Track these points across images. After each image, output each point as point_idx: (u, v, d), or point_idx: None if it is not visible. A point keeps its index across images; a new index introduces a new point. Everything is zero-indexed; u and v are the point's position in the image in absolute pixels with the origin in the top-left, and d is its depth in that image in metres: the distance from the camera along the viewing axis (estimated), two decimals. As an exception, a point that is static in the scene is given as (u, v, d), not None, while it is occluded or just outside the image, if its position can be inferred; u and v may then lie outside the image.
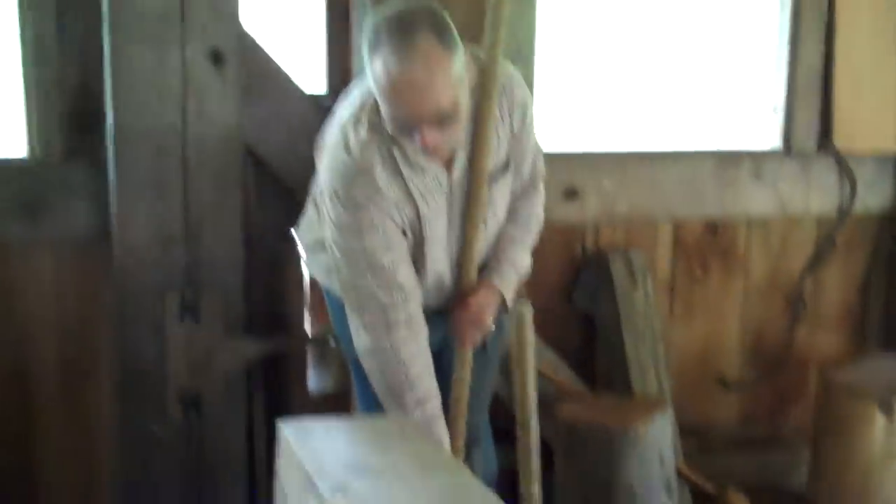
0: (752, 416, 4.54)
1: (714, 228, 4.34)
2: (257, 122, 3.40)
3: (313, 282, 3.54)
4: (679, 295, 4.32)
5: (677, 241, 4.30)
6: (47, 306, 3.45)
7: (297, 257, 3.53)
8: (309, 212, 3.01)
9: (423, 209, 2.75)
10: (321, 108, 3.39)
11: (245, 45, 3.34)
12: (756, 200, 4.34)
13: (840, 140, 4.37)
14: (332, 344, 3.51)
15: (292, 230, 3.13)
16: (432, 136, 2.54)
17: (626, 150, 4.22)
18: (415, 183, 2.71)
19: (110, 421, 3.47)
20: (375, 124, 2.66)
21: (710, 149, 4.33)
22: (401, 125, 2.56)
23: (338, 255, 2.74)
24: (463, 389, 2.96)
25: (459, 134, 2.67)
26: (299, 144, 3.16)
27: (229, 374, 3.37)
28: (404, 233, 2.75)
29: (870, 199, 4.50)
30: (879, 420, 3.96)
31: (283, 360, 3.55)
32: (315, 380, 3.65)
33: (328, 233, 2.76)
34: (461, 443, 2.97)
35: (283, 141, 3.42)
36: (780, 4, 4.31)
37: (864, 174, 4.44)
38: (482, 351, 3.07)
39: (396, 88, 2.49)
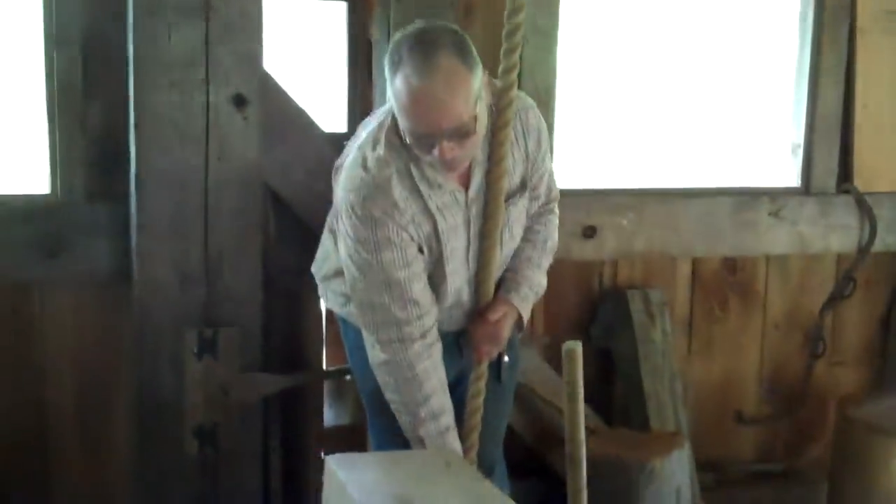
0: (770, 451, 4.50)
1: (732, 266, 4.32)
2: (278, 163, 3.42)
3: (329, 317, 3.56)
4: (697, 332, 4.30)
5: (695, 279, 4.28)
6: (67, 343, 3.47)
7: (316, 294, 3.54)
8: (325, 241, 3.03)
9: (442, 225, 2.76)
10: (341, 146, 3.39)
11: (267, 87, 3.36)
12: (775, 239, 4.30)
13: (859, 179, 4.34)
14: (348, 378, 3.52)
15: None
16: (451, 150, 2.57)
17: (644, 188, 4.20)
18: (433, 199, 2.73)
19: (127, 456, 3.49)
20: (393, 143, 2.69)
21: (729, 187, 4.30)
22: (420, 140, 2.58)
23: (354, 271, 2.75)
24: (478, 403, 2.96)
25: (475, 148, 2.69)
26: (319, 184, 3.16)
27: (245, 409, 3.37)
28: (421, 250, 2.76)
29: (889, 236, 4.45)
30: (900, 457, 3.93)
31: (300, 394, 3.55)
32: (331, 414, 3.66)
33: (344, 250, 2.77)
34: (474, 454, 2.96)
35: (304, 181, 3.43)
36: (799, 44, 4.29)
37: (883, 212, 4.40)
38: (497, 382, 3.08)
39: (417, 103, 2.52)
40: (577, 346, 2.90)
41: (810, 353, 4.45)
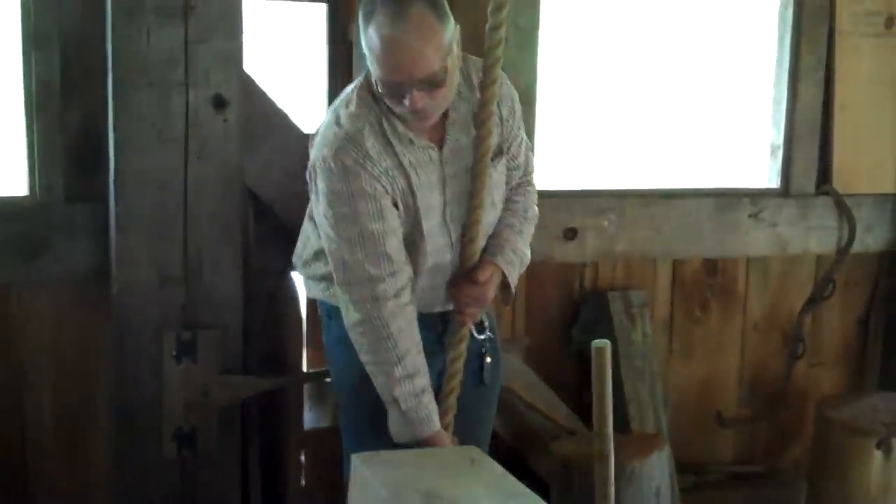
0: (750, 452, 4.50)
1: (713, 267, 4.32)
2: (258, 164, 3.41)
3: (311, 318, 3.55)
4: (678, 333, 4.30)
5: (676, 280, 4.28)
6: (45, 345, 3.44)
7: (297, 296, 3.52)
8: (305, 228, 3.03)
9: (415, 181, 2.77)
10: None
11: (247, 88, 3.34)
12: (755, 240, 4.32)
13: (838, 181, 4.36)
14: (328, 381, 3.50)
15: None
16: (422, 99, 2.61)
17: (625, 189, 4.20)
18: (406, 155, 2.75)
19: (106, 458, 3.47)
20: (365, 99, 2.74)
21: (710, 188, 4.31)
22: (391, 89, 2.62)
23: (328, 228, 2.76)
24: (458, 367, 2.92)
25: (446, 101, 2.73)
26: (299, 185, 3.12)
27: (225, 412, 3.35)
28: (396, 205, 2.76)
29: (868, 238, 4.48)
30: (876, 457, 3.95)
31: (280, 397, 3.53)
32: (311, 416, 3.64)
33: (320, 209, 2.77)
34: (450, 418, 2.92)
35: (283, 182, 3.41)
36: (779, 45, 4.30)
37: (862, 214, 4.42)
38: (479, 383, 3.07)
39: (389, 51, 2.56)
40: (605, 345, 2.89)
41: (790, 354, 4.45)
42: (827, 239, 4.41)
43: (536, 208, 3.09)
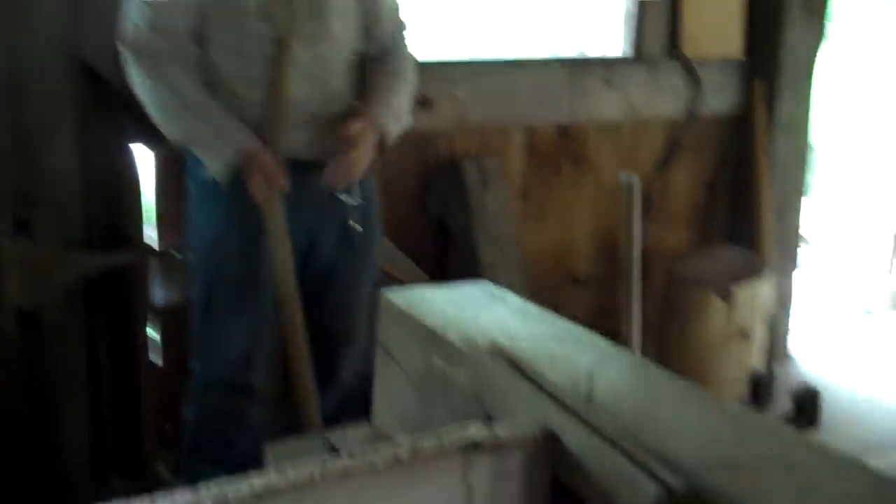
0: (603, 311, 4.38)
1: (565, 133, 4.12)
2: (90, 34, 3.04)
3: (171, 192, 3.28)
4: (532, 198, 4.12)
5: (530, 147, 4.08)
6: None
7: (136, 169, 3.22)
8: None
9: None
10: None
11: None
12: (606, 105, 4.15)
13: (687, 46, 4.20)
14: (179, 257, 3.24)
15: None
16: None
17: (478, 59, 3.98)
18: None
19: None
20: None
21: (562, 57, 4.10)
22: None
23: None
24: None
25: None
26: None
27: (68, 290, 3.07)
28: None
29: (716, 102, 4.36)
30: (718, 306, 3.93)
31: (125, 273, 3.24)
32: (160, 293, 3.38)
33: None
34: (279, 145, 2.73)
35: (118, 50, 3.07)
36: (630, -90, 4.06)
37: (710, 78, 4.29)
38: (348, 247, 2.92)
39: None
40: (633, 180, 3.17)
41: (641, 215, 4.32)
42: (676, 103, 4.27)
43: (412, 77, 2.97)
